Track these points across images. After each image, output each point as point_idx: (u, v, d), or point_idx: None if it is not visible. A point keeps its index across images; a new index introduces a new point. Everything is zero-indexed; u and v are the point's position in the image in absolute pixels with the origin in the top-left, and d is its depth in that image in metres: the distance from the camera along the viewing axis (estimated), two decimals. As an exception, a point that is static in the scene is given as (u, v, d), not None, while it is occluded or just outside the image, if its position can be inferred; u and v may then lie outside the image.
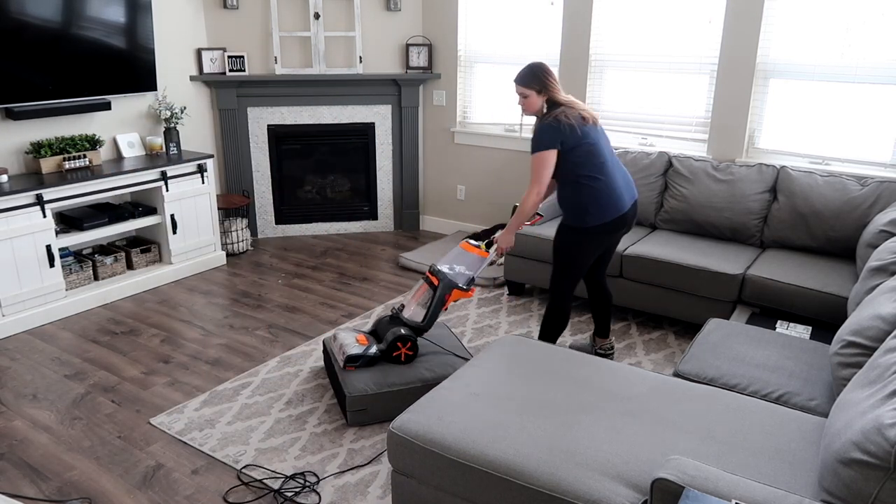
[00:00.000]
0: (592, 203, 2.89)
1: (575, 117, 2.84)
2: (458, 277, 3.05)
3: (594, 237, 2.96)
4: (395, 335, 2.94)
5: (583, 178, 2.88)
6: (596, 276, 3.29)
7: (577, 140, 2.84)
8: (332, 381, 3.11)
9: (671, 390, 2.23)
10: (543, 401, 2.16)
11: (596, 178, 2.88)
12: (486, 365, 2.39)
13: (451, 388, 2.23)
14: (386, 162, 5.39)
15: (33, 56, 3.78)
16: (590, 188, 2.88)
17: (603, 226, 2.93)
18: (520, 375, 2.32)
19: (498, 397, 2.18)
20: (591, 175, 2.87)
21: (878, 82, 3.63)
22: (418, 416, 2.08)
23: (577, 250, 2.99)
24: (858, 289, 2.64)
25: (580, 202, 2.91)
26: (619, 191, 2.93)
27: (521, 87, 2.92)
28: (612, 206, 2.91)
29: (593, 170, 2.87)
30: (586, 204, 2.90)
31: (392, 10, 5.03)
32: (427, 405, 2.13)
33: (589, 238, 2.96)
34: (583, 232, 2.95)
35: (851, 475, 1.52)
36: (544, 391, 2.22)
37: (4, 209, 3.54)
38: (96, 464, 2.62)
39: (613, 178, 2.92)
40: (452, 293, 3.02)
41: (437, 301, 3.00)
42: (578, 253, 3.00)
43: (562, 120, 2.82)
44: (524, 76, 2.92)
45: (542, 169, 2.85)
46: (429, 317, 3.01)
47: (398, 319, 3.08)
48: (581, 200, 2.91)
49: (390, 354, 2.95)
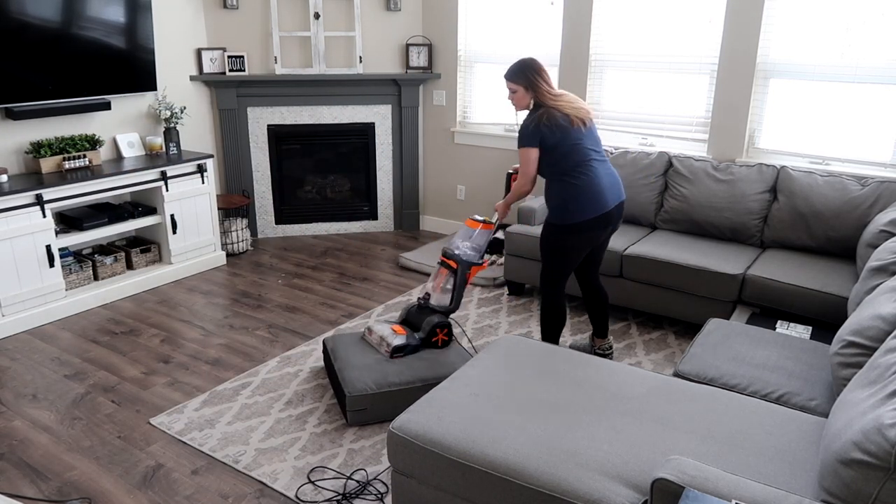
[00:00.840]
0: (572, 200, 2.94)
1: (558, 120, 2.89)
2: (471, 256, 3.20)
3: (575, 234, 2.99)
4: (431, 323, 3.11)
5: (564, 175, 2.94)
6: (588, 276, 3.30)
7: (557, 140, 2.90)
8: (331, 380, 3.11)
9: (671, 390, 2.23)
10: (543, 401, 2.16)
11: (577, 176, 2.92)
12: (486, 365, 2.39)
13: (451, 388, 2.23)
14: (386, 162, 5.39)
15: (33, 56, 3.78)
16: (571, 185, 2.93)
17: (584, 223, 2.96)
18: (520, 375, 2.32)
19: (498, 397, 2.18)
20: (573, 173, 2.92)
21: (878, 82, 3.63)
22: (418, 416, 2.08)
23: (559, 247, 3.04)
24: (858, 289, 2.64)
25: (561, 199, 2.97)
26: (602, 190, 2.95)
27: (509, 82, 2.99)
28: (593, 204, 2.94)
29: (575, 168, 2.92)
30: (566, 201, 2.95)
31: (392, 10, 5.03)
32: (427, 405, 2.13)
33: (570, 235, 3.00)
34: (564, 229, 2.99)
35: (851, 475, 1.51)
36: (544, 391, 2.22)
37: (4, 209, 3.54)
38: (96, 464, 2.62)
39: (597, 177, 2.95)
40: (472, 270, 3.20)
41: (459, 282, 3.18)
42: (561, 249, 3.04)
43: (542, 121, 2.89)
44: (512, 72, 2.98)
45: (525, 164, 2.96)
46: (455, 298, 3.19)
47: (428, 308, 3.22)
48: (562, 197, 2.96)
49: (429, 340, 3.11)
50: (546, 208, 3.09)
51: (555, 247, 3.05)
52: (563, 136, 2.89)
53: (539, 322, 3.25)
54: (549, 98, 2.93)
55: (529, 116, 2.97)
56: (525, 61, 2.96)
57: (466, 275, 3.18)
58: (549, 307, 3.17)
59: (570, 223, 2.97)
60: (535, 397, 2.18)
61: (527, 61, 2.96)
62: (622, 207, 3.07)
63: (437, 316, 3.14)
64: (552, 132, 2.89)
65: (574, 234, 2.99)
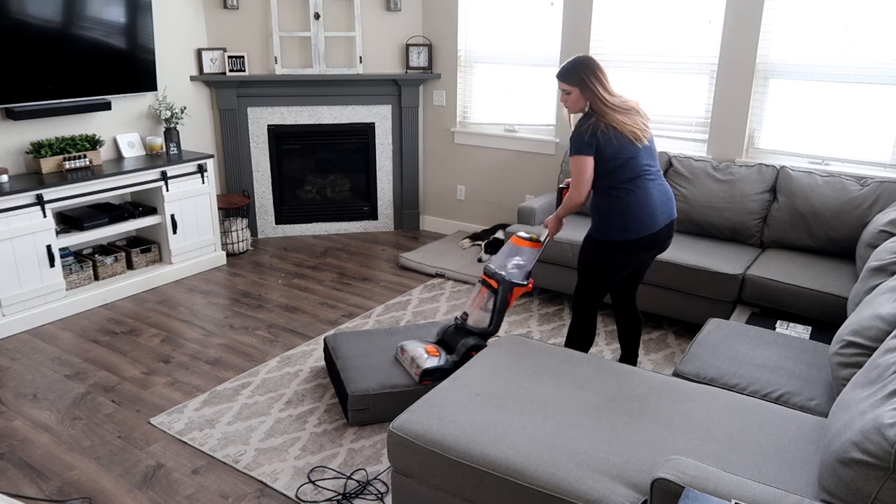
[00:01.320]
0: (619, 217, 2.71)
1: (613, 130, 2.65)
2: (515, 275, 2.97)
3: (618, 253, 2.77)
4: (466, 345, 2.95)
5: (613, 189, 2.71)
6: (625, 297, 3.04)
7: (614, 151, 2.65)
8: (332, 379, 3.12)
9: (671, 390, 2.23)
10: (544, 401, 2.16)
11: (628, 192, 2.69)
12: (486, 365, 2.39)
13: (452, 388, 2.23)
14: (386, 162, 5.39)
15: (33, 56, 3.78)
16: (620, 200, 2.70)
17: (627, 243, 2.73)
18: (520, 375, 2.32)
19: (498, 397, 2.18)
20: (623, 188, 2.69)
21: (878, 82, 3.63)
22: (418, 415, 2.08)
23: (598, 264, 2.82)
24: (858, 288, 2.64)
25: (607, 214, 2.75)
26: (652, 208, 2.71)
27: (562, 82, 2.73)
28: (641, 223, 2.70)
29: (626, 183, 2.69)
30: (612, 217, 2.73)
31: (392, 10, 5.03)
32: (427, 405, 2.13)
33: (612, 253, 2.77)
34: (606, 245, 2.77)
35: (851, 475, 1.52)
36: (544, 391, 2.22)
37: (5, 209, 3.54)
38: (96, 464, 2.62)
39: (648, 194, 2.70)
40: (514, 291, 2.97)
41: (500, 303, 2.96)
42: (600, 267, 2.82)
43: (600, 128, 2.63)
44: (565, 72, 2.71)
45: (579, 173, 2.68)
46: (495, 321, 2.99)
47: (464, 329, 3.05)
48: (608, 212, 2.74)
49: (463, 364, 2.90)
50: (592, 220, 2.84)
51: (595, 264, 2.83)
52: (619, 147, 2.64)
53: (566, 338, 3.09)
54: (603, 106, 2.66)
55: (584, 121, 2.68)
56: (580, 60, 2.69)
57: (508, 296, 2.95)
58: (581, 325, 2.96)
59: (612, 240, 2.74)
60: (535, 397, 2.18)
61: (582, 60, 2.68)
62: (672, 226, 2.82)
63: (473, 338, 2.97)
64: (609, 141, 2.63)
65: (617, 252, 2.76)
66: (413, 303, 4.11)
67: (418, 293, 4.25)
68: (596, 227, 2.81)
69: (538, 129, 4.89)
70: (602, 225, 2.78)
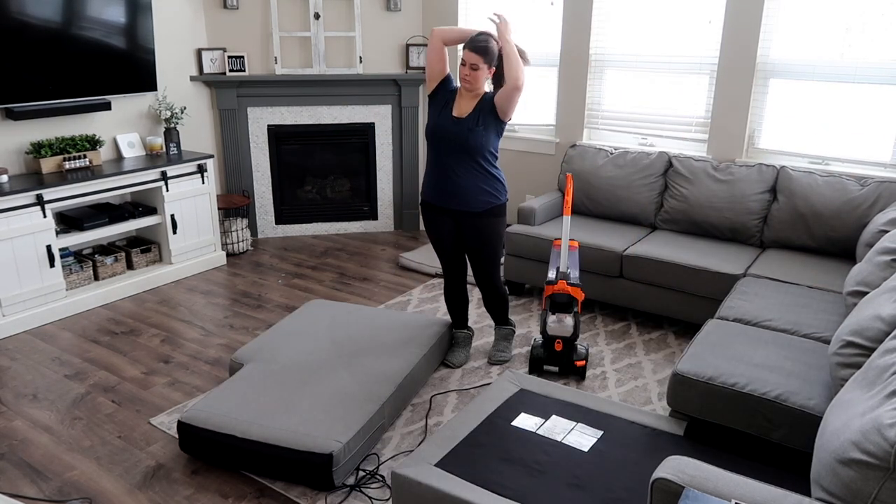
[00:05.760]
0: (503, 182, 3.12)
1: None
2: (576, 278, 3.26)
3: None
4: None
5: (496, 160, 3.09)
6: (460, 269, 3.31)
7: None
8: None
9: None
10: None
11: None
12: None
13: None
14: (386, 162, 5.39)
15: (33, 56, 3.78)
16: (499, 170, 3.12)
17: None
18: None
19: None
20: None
21: (878, 82, 3.63)
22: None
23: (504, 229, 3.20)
24: (862, 268, 2.68)
25: (501, 180, 3.13)
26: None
27: (480, 56, 3.06)
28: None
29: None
30: (503, 182, 3.12)
31: (392, 10, 5.03)
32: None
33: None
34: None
35: (851, 475, 1.52)
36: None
37: (5, 209, 3.55)
38: (96, 464, 2.62)
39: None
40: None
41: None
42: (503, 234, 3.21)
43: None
44: (488, 49, 3.06)
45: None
46: (577, 325, 3.22)
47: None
48: (501, 178, 3.14)
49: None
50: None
51: (503, 228, 3.18)
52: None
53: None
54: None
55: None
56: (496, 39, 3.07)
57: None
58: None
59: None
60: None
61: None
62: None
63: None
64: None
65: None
66: (413, 303, 4.11)
67: (418, 293, 4.25)
68: (497, 194, 3.08)
69: (538, 129, 4.89)
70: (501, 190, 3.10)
